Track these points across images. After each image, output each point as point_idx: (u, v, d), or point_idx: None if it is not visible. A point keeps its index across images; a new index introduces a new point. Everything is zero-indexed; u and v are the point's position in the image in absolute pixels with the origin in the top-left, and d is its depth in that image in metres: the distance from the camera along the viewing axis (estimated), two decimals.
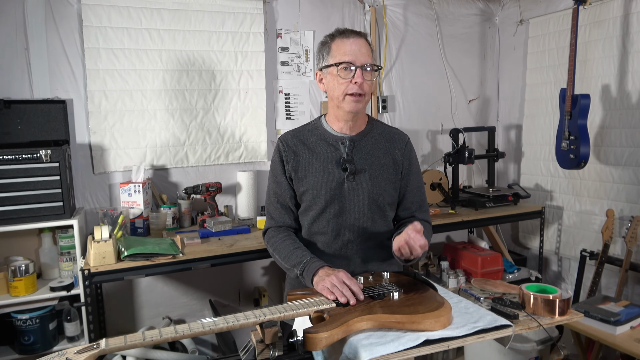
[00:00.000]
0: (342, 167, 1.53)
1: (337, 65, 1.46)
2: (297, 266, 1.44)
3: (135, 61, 2.56)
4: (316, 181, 1.54)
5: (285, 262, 1.50)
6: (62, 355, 0.92)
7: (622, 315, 2.03)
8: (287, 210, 1.62)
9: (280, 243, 1.55)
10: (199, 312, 2.83)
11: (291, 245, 1.52)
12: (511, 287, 1.47)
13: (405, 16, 3.22)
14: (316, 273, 1.35)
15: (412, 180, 1.63)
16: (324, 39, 1.53)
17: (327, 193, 1.53)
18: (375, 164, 1.56)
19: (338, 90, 1.47)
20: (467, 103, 3.52)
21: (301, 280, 1.44)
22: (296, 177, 1.56)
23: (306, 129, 1.63)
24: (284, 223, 1.62)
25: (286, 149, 1.58)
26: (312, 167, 1.55)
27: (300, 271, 1.42)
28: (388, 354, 1.02)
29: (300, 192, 1.57)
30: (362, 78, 1.44)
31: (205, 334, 1.05)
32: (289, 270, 1.51)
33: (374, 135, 1.60)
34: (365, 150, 1.57)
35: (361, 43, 1.47)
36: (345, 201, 1.54)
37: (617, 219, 2.71)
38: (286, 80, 2.96)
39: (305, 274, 1.39)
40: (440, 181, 3.02)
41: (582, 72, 2.83)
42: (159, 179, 2.71)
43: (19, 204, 2.09)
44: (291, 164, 1.57)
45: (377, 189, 1.55)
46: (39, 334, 2.20)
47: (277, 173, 1.60)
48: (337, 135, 1.57)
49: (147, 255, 2.04)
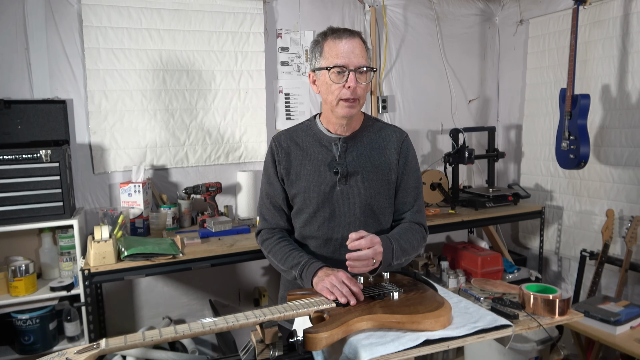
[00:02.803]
0: (334, 170, 1.48)
1: (329, 70, 1.38)
2: (295, 268, 1.42)
3: (135, 61, 2.56)
4: (307, 184, 1.49)
5: (282, 265, 1.47)
6: (62, 355, 0.92)
7: (622, 315, 2.03)
8: (280, 212, 1.58)
9: (275, 245, 1.51)
10: (199, 312, 2.83)
11: (287, 247, 1.49)
12: (511, 287, 1.47)
13: (405, 16, 3.22)
14: (315, 274, 1.34)
15: (407, 179, 1.54)
16: (316, 38, 1.45)
17: (318, 197, 1.48)
18: (370, 166, 1.50)
19: (331, 95, 1.40)
20: (467, 103, 3.52)
21: (299, 283, 1.42)
22: (288, 179, 1.52)
23: (300, 128, 1.57)
24: (277, 225, 1.58)
25: (279, 149, 1.53)
26: (304, 169, 1.50)
27: (298, 273, 1.40)
28: (388, 354, 1.02)
29: (291, 194, 1.53)
30: (356, 82, 1.37)
31: (205, 334, 1.05)
32: (285, 272, 1.48)
33: (369, 135, 1.53)
34: (359, 151, 1.50)
35: (355, 43, 1.39)
36: (336, 205, 1.49)
37: (617, 219, 2.71)
38: (286, 80, 2.96)
39: (305, 275, 1.38)
40: (440, 181, 3.03)
41: (582, 72, 2.83)
42: (159, 179, 2.71)
43: (19, 204, 2.09)
44: (283, 165, 1.52)
45: (370, 192, 1.49)
46: (39, 334, 2.20)
47: (270, 174, 1.55)
48: (330, 136, 1.51)
49: (147, 255, 2.04)
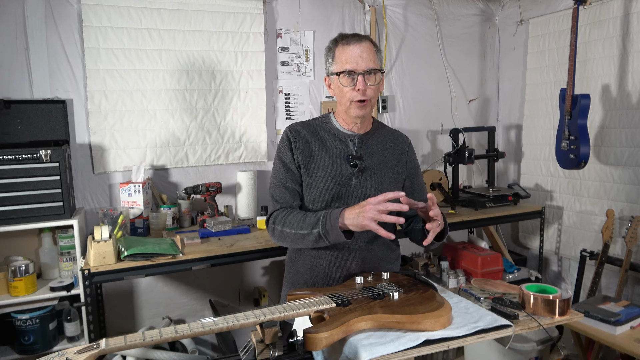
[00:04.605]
0: (352, 163, 1.55)
1: (339, 75, 1.49)
2: (316, 225, 1.41)
3: (135, 61, 2.56)
4: (325, 174, 1.55)
5: (301, 229, 1.46)
6: (62, 355, 0.92)
7: (622, 315, 2.03)
8: (294, 194, 1.58)
9: (288, 215, 1.51)
10: (199, 312, 2.83)
11: (300, 214, 1.49)
12: (511, 287, 1.47)
13: (405, 16, 3.22)
14: (342, 216, 1.36)
15: (418, 181, 1.70)
16: (328, 44, 1.57)
17: (334, 187, 1.54)
18: (382, 163, 1.60)
19: (344, 97, 1.51)
20: (467, 103, 3.52)
21: (325, 240, 1.41)
22: (304, 167, 1.56)
23: (315, 123, 1.65)
24: (290, 205, 1.58)
25: (296, 137, 1.58)
26: (322, 159, 1.56)
27: (322, 226, 1.39)
28: (388, 354, 1.02)
29: (307, 183, 1.57)
30: (365, 85, 1.47)
31: (205, 334, 1.05)
32: (306, 238, 1.45)
33: (380, 136, 1.64)
34: (372, 149, 1.60)
35: (363, 48, 1.48)
36: (351, 197, 1.55)
37: (617, 219, 2.71)
38: (286, 80, 2.96)
39: (330, 226, 1.37)
40: (440, 181, 3.02)
41: (582, 72, 2.83)
42: (159, 179, 2.71)
43: (19, 204, 2.09)
44: (300, 152, 1.57)
45: (383, 187, 1.56)
46: (39, 334, 2.20)
47: (286, 161, 1.57)
48: (346, 133, 1.60)
49: (147, 255, 2.04)
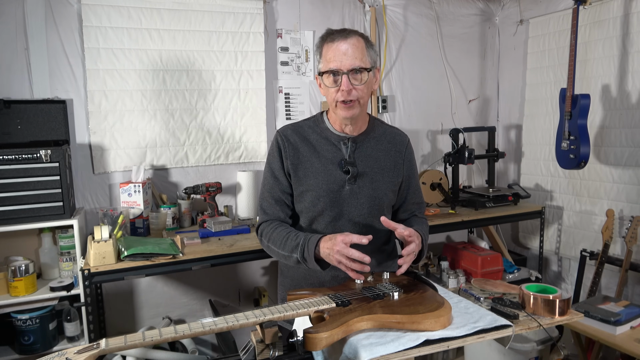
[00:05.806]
0: (344, 169, 1.49)
1: (321, 75, 1.42)
2: (295, 250, 1.40)
3: (135, 61, 2.56)
4: (316, 182, 1.48)
5: (282, 250, 1.44)
6: (62, 355, 0.92)
7: (622, 315, 2.03)
8: (282, 206, 1.55)
9: (273, 231, 1.49)
10: (199, 312, 2.83)
11: (284, 231, 1.47)
12: (511, 287, 1.47)
13: (405, 16, 3.22)
14: (318, 247, 1.35)
15: (413, 182, 1.63)
16: (317, 42, 1.48)
17: (327, 195, 1.48)
18: (377, 167, 1.53)
19: (330, 97, 1.44)
20: (467, 103, 3.52)
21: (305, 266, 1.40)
22: (295, 175, 1.51)
23: (306, 124, 1.56)
24: (277, 217, 1.54)
25: (286, 144, 1.51)
26: (313, 166, 1.50)
27: (300, 254, 1.38)
28: (388, 354, 1.02)
29: (298, 191, 1.51)
30: (349, 85, 1.37)
31: (205, 334, 1.05)
32: (288, 259, 1.44)
33: (375, 136, 1.56)
34: (366, 152, 1.52)
35: (348, 44, 1.38)
36: (344, 205, 1.50)
37: (617, 219, 2.71)
38: (286, 80, 2.96)
39: (307, 254, 1.37)
40: (440, 181, 3.02)
41: (582, 72, 2.83)
42: (159, 179, 2.71)
43: (19, 204, 2.09)
44: (290, 160, 1.50)
45: (377, 192, 1.51)
46: (39, 334, 2.20)
47: (275, 168, 1.53)
48: (339, 135, 1.52)
49: (147, 255, 2.04)
